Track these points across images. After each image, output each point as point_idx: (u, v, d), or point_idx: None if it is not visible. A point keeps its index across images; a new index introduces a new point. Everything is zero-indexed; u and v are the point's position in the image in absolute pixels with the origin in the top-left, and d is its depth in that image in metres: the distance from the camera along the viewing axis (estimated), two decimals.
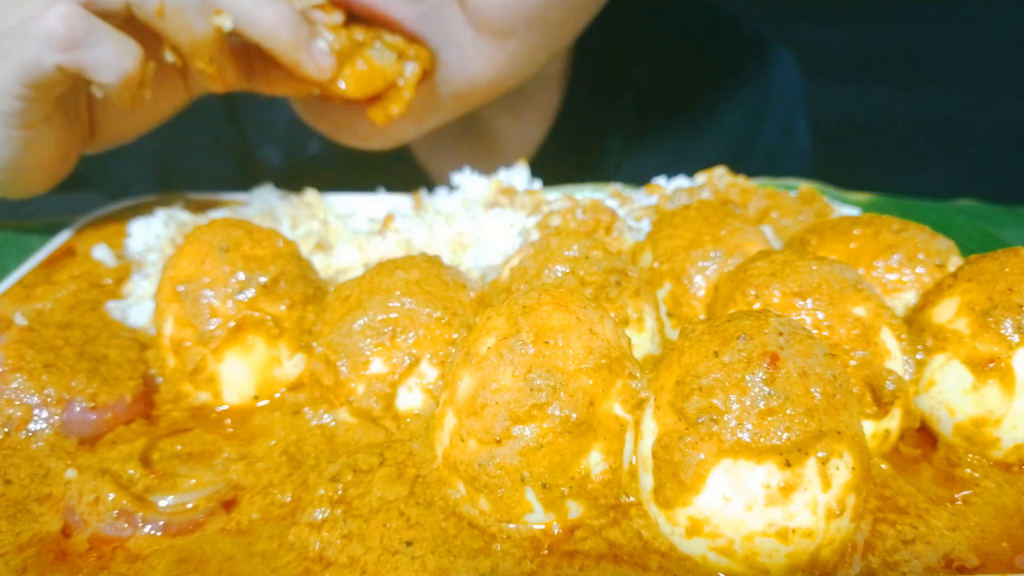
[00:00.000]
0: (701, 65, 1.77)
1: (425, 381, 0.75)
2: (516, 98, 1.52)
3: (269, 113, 1.67)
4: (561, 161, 1.70)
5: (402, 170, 1.69)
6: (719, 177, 1.27)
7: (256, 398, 0.82)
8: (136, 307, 0.98)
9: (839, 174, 1.56)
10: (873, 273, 0.88)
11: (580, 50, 1.58)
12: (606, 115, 1.73)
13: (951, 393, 0.75)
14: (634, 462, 0.65)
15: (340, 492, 0.66)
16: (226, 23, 0.94)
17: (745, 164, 1.78)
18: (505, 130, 1.70)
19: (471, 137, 1.68)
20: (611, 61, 1.69)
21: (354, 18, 1.09)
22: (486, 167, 1.69)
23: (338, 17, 1.05)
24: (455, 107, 1.32)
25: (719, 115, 1.78)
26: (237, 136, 1.74)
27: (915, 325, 0.80)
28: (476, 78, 1.23)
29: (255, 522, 0.66)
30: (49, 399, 0.74)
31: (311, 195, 1.23)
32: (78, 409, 0.75)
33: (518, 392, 0.61)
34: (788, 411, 0.57)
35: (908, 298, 0.87)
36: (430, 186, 1.37)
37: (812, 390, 0.58)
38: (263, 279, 0.81)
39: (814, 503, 0.58)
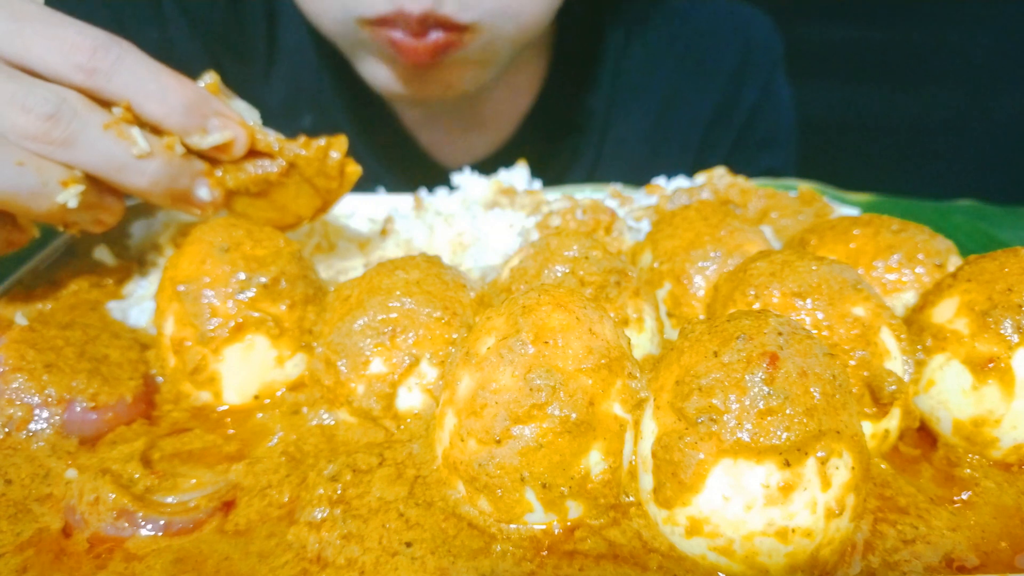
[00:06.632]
0: (681, 27, 1.81)
1: (425, 381, 0.75)
2: (505, 68, 1.57)
3: (261, 92, 1.67)
4: (549, 127, 1.76)
5: (397, 145, 1.74)
6: (719, 177, 1.27)
7: (256, 398, 0.82)
8: (137, 307, 0.98)
9: (839, 174, 1.56)
10: (873, 273, 0.89)
11: (562, 18, 1.61)
12: (590, 79, 1.77)
13: (951, 393, 0.75)
14: (634, 462, 0.65)
15: (339, 492, 0.66)
16: (70, 201, 0.83)
17: (728, 122, 1.83)
18: (495, 100, 1.73)
19: (462, 109, 1.71)
20: (592, 26, 1.73)
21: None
22: (477, 138, 1.75)
23: (240, 150, 0.92)
24: (511, 51, 1.48)
25: (702, 75, 1.81)
26: None
27: (915, 325, 0.80)
28: (526, 21, 1.40)
29: (253, 522, 0.66)
30: (50, 399, 0.74)
31: None
32: (79, 409, 0.75)
33: (518, 392, 0.61)
34: (787, 411, 0.57)
35: (908, 298, 0.87)
36: (423, 161, 1.39)
37: (811, 390, 0.58)
38: (263, 279, 0.81)
39: (813, 503, 0.58)
